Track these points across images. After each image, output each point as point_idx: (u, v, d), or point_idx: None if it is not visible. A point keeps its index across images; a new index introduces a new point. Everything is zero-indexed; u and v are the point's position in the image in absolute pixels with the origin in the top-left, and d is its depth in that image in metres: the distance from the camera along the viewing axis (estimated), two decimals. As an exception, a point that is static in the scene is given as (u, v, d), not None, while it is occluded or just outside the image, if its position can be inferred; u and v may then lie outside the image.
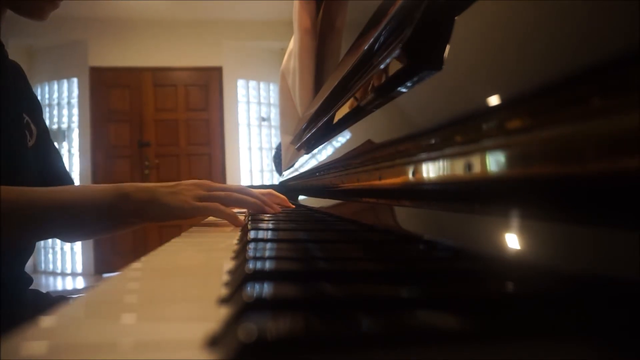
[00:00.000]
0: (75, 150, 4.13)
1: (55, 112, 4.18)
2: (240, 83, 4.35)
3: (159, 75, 4.22)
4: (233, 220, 0.62)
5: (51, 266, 4.16)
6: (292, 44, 1.34)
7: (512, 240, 0.24)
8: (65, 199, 0.58)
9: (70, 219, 0.58)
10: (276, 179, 1.95)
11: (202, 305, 0.21)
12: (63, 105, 4.19)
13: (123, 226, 0.83)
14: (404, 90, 0.40)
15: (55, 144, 0.90)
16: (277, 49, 4.22)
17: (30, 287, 0.76)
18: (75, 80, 4.15)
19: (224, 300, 0.21)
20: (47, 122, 0.89)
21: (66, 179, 0.88)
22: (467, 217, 0.30)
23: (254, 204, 0.68)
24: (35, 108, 0.82)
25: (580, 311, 0.16)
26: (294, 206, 0.88)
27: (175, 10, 4.00)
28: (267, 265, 0.24)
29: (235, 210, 0.71)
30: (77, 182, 4.08)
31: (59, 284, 3.81)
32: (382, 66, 0.44)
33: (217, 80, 4.27)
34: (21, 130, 0.74)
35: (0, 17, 0.73)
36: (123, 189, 0.60)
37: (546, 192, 0.21)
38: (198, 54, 4.21)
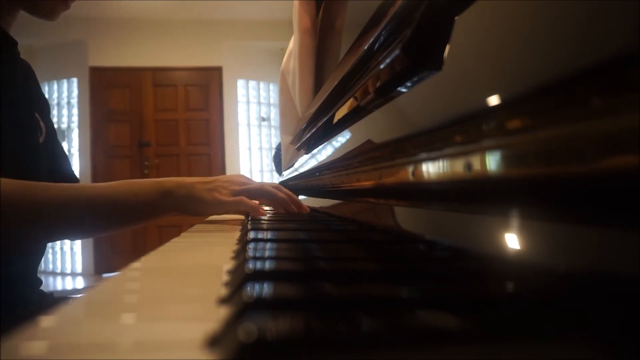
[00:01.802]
0: (75, 150, 4.12)
1: (55, 112, 4.17)
2: (240, 83, 4.34)
3: (159, 75, 4.22)
4: (255, 211, 0.65)
5: (51, 266, 4.16)
6: (292, 44, 1.34)
7: (512, 240, 0.24)
8: (112, 195, 0.60)
9: (116, 214, 0.61)
10: (276, 179, 1.94)
11: (202, 305, 0.21)
12: (63, 105, 4.19)
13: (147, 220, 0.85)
14: (404, 90, 0.40)
15: (64, 144, 0.92)
16: (277, 49, 4.22)
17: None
18: (75, 80, 4.15)
19: (224, 300, 0.21)
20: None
21: (72, 179, 0.89)
22: (467, 217, 0.30)
23: (282, 200, 0.70)
24: (43, 106, 0.84)
25: (580, 311, 0.16)
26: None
27: (175, 10, 4.00)
28: (267, 265, 0.24)
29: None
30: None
31: (59, 284, 3.81)
32: (382, 66, 0.44)
33: (217, 80, 4.27)
34: (33, 127, 0.75)
35: (13, 16, 0.74)
36: (165, 185, 0.62)
37: (546, 192, 0.21)
38: (198, 54, 4.21)
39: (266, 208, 0.76)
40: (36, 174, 0.72)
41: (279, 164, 1.80)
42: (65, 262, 4.14)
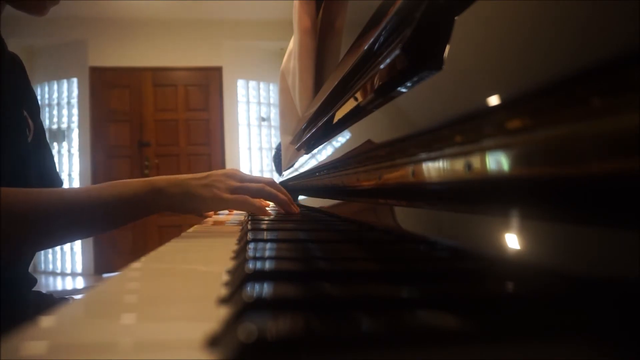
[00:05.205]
0: (75, 150, 4.13)
1: (55, 112, 4.18)
2: (240, 83, 4.34)
3: (159, 75, 4.22)
4: (261, 212, 0.64)
5: (51, 266, 4.16)
6: (292, 44, 1.34)
7: (512, 240, 0.24)
8: (99, 198, 0.59)
9: (108, 216, 0.60)
10: (276, 179, 1.94)
11: (202, 305, 0.21)
12: (63, 105, 4.18)
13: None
14: (404, 90, 0.40)
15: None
16: (277, 49, 4.22)
17: (33, 288, 0.76)
18: (75, 80, 4.15)
19: (224, 300, 0.21)
20: (47, 123, 0.86)
21: (57, 183, 0.85)
22: (467, 217, 0.30)
23: (283, 201, 0.69)
24: (33, 105, 0.79)
25: (580, 311, 0.16)
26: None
27: (175, 10, 4.00)
28: (267, 265, 0.24)
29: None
30: (77, 183, 4.10)
31: (59, 284, 3.81)
32: (382, 66, 0.44)
33: (217, 80, 4.27)
34: (21, 124, 0.71)
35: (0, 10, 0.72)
36: (156, 184, 0.61)
37: (546, 192, 0.21)
38: (198, 54, 4.21)
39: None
40: (26, 171, 0.70)
41: (279, 164, 1.80)
42: (65, 262, 4.14)
